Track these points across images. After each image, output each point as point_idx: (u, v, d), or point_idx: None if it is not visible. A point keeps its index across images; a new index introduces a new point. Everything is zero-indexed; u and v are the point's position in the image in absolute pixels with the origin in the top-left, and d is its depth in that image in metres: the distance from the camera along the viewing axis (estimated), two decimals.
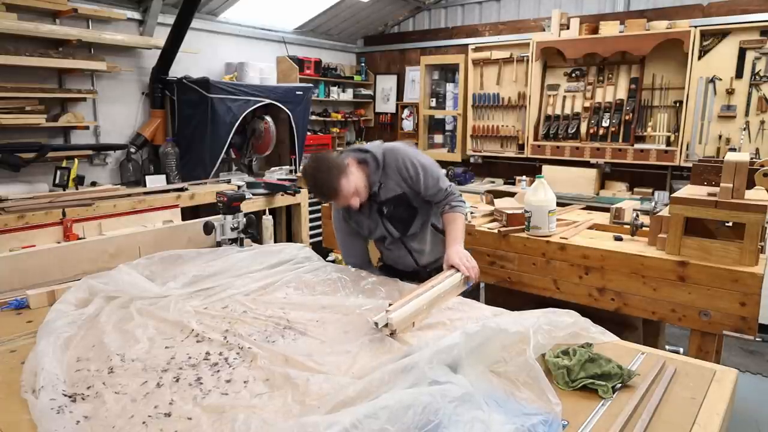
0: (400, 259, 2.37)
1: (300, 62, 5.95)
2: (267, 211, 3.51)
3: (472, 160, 6.02)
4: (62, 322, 1.63)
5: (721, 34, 4.46)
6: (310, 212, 5.06)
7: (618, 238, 2.63)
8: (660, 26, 4.66)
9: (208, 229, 2.51)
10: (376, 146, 2.22)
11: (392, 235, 2.29)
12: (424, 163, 2.22)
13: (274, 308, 1.83)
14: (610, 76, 5.12)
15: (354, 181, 2.06)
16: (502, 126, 5.75)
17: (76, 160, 4.06)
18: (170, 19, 4.41)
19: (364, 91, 7.01)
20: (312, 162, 2.05)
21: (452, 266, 2.09)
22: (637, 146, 4.88)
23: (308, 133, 5.85)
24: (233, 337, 1.59)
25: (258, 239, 2.81)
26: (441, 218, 2.33)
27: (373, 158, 2.18)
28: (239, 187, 4.38)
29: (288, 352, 1.49)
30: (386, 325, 1.61)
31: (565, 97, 5.37)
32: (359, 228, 2.33)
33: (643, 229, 2.65)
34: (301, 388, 1.30)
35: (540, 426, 1.11)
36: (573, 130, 5.27)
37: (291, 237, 5.02)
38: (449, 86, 6.28)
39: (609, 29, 4.90)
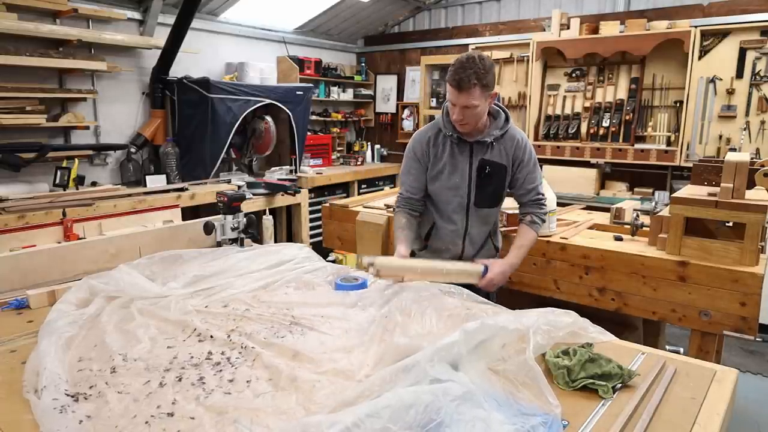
0: (449, 238, 2.26)
1: (300, 62, 5.95)
2: (267, 211, 3.51)
3: None
4: (63, 322, 1.63)
5: (722, 34, 4.46)
6: (311, 212, 5.07)
7: (618, 238, 2.64)
8: (660, 26, 4.66)
9: (209, 229, 2.52)
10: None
11: (470, 197, 2.19)
12: (536, 159, 2.25)
13: (277, 306, 1.83)
14: (611, 76, 5.12)
15: (485, 103, 2.03)
16: None
17: (76, 160, 4.06)
18: (170, 19, 4.41)
19: (364, 91, 7.01)
20: (474, 53, 2.01)
21: (485, 266, 2.06)
22: (638, 146, 4.88)
23: (308, 133, 5.85)
24: (238, 336, 1.59)
25: (258, 239, 2.81)
26: (519, 226, 2.28)
27: (505, 116, 2.18)
28: (239, 187, 4.38)
29: (299, 347, 1.50)
30: (372, 264, 1.74)
31: (565, 97, 5.37)
32: (438, 173, 2.19)
33: (644, 229, 2.65)
34: (304, 386, 1.30)
35: (540, 427, 1.11)
36: (573, 130, 5.27)
37: (291, 237, 5.02)
38: None
39: (609, 29, 4.90)
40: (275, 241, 3.89)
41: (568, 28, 5.10)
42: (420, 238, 2.34)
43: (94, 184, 4.32)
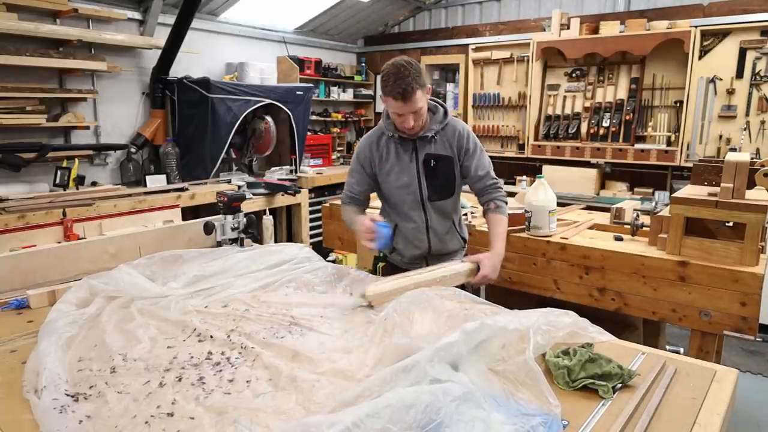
0: (412, 235, 2.29)
1: (300, 62, 5.95)
2: (267, 211, 3.51)
3: None
4: (63, 322, 1.63)
5: (722, 34, 4.46)
6: (311, 212, 5.06)
7: (618, 238, 2.64)
8: (660, 26, 4.66)
9: (209, 229, 2.52)
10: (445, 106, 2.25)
11: (422, 193, 2.23)
12: (480, 145, 2.27)
13: (276, 306, 1.84)
14: (611, 76, 5.12)
15: (425, 101, 2.07)
16: (503, 126, 5.76)
17: (76, 160, 4.06)
18: (171, 19, 4.41)
19: (364, 91, 7.02)
20: (399, 59, 2.02)
21: (476, 264, 2.07)
22: (638, 146, 4.88)
23: (308, 133, 5.85)
24: (238, 336, 1.59)
25: (258, 239, 2.81)
26: (485, 216, 2.31)
27: (443, 110, 2.21)
28: (239, 187, 4.39)
29: (298, 347, 1.50)
30: (363, 296, 1.74)
31: (565, 97, 5.37)
32: (387, 174, 2.24)
33: (644, 229, 2.65)
34: (304, 386, 1.30)
35: (540, 427, 1.11)
36: (573, 130, 5.27)
37: (291, 237, 5.02)
38: (449, 86, 6.28)
39: (609, 29, 4.90)
40: (275, 241, 3.89)
41: (568, 28, 5.11)
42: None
43: (94, 184, 4.32)
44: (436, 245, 2.32)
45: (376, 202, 2.42)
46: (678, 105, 4.76)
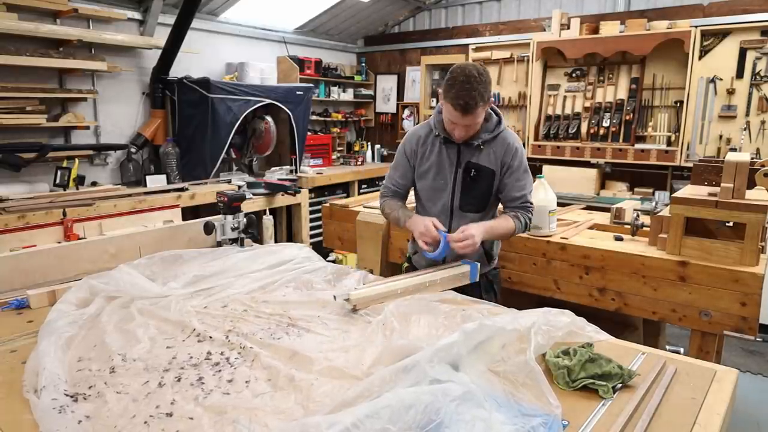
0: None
1: (300, 62, 5.95)
2: (267, 211, 3.51)
3: None
4: (63, 322, 1.63)
5: (722, 34, 4.46)
6: (311, 212, 5.07)
7: (618, 238, 2.63)
8: (660, 26, 4.66)
9: (209, 229, 2.52)
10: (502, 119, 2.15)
11: (453, 200, 2.12)
12: (527, 165, 2.14)
13: (275, 307, 1.84)
14: (611, 76, 5.12)
15: (483, 116, 1.98)
16: None
17: (76, 160, 4.06)
18: (171, 19, 4.41)
19: (364, 91, 7.02)
20: (472, 67, 1.89)
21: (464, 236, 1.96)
22: (638, 146, 4.88)
23: (308, 133, 5.85)
24: (236, 336, 1.59)
25: (258, 239, 2.81)
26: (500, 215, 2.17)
27: (497, 119, 2.10)
28: (240, 187, 4.39)
29: (295, 348, 1.50)
30: (347, 300, 1.75)
31: (565, 97, 5.37)
32: (425, 172, 2.15)
33: (644, 229, 2.65)
34: (303, 386, 1.30)
35: (540, 428, 1.11)
36: (573, 130, 5.27)
37: (291, 237, 5.02)
38: None
39: (609, 29, 4.90)
40: (275, 241, 3.89)
41: (569, 28, 5.11)
42: (411, 240, 2.32)
43: (94, 184, 4.33)
44: (451, 258, 2.15)
45: (375, 201, 2.40)
46: (678, 105, 4.76)
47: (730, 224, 2.32)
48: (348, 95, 6.84)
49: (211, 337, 1.59)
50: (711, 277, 2.21)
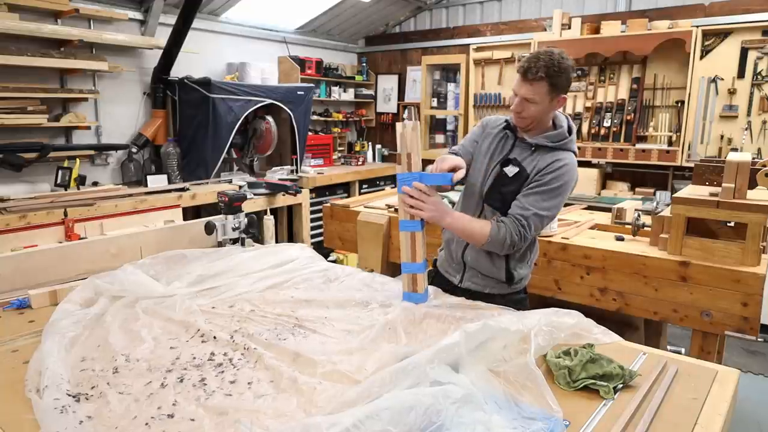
0: (453, 242, 2.08)
1: (301, 62, 5.95)
2: (268, 211, 3.51)
3: None
4: (68, 322, 1.63)
5: (723, 34, 4.45)
6: (311, 212, 5.07)
7: (619, 239, 2.63)
8: (662, 26, 4.65)
9: (210, 229, 2.52)
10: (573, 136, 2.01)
11: (482, 189, 2.00)
12: (556, 191, 1.93)
13: (282, 307, 1.83)
14: (612, 76, 5.11)
15: (546, 102, 1.87)
16: None
17: (77, 160, 4.07)
18: (172, 20, 4.41)
19: (365, 91, 7.01)
20: (558, 52, 1.89)
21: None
22: (639, 146, 4.87)
23: (309, 133, 5.85)
24: (241, 337, 1.58)
25: (259, 239, 2.81)
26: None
27: (565, 137, 1.95)
28: (240, 187, 4.39)
29: (300, 349, 1.50)
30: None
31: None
32: (477, 153, 2.06)
33: (645, 229, 2.65)
34: (305, 389, 1.30)
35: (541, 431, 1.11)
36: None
37: (292, 237, 5.02)
38: (450, 86, 6.28)
39: (610, 29, 4.89)
40: (276, 241, 3.89)
41: (570, 28, 5.10)
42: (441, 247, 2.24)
43: (95, 184, 4.33)
44: (471, 256, 2.04)
45: (376, 201, 2.40)
46: (679, 105, 4.75)
47: (732, 224, 2.31)
48: (349, 95, 6.84)
49: (215, 338, 1.59)
50: (712, 278, 2.21)
